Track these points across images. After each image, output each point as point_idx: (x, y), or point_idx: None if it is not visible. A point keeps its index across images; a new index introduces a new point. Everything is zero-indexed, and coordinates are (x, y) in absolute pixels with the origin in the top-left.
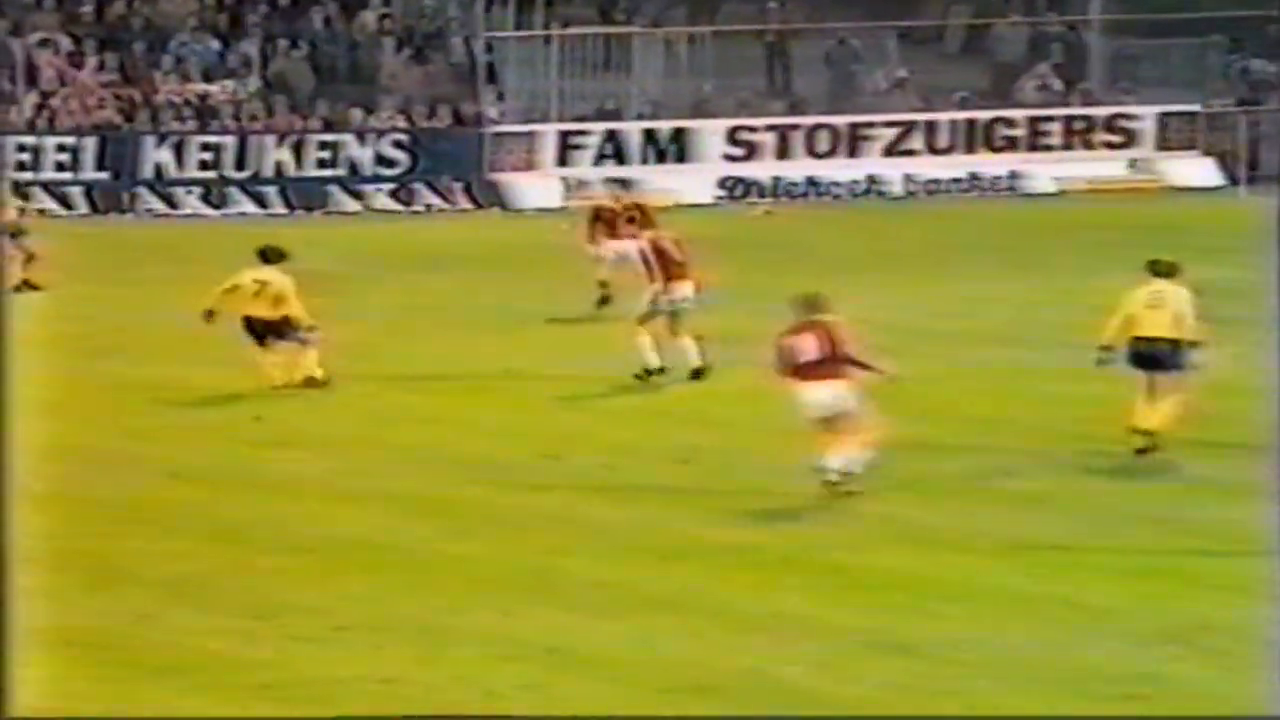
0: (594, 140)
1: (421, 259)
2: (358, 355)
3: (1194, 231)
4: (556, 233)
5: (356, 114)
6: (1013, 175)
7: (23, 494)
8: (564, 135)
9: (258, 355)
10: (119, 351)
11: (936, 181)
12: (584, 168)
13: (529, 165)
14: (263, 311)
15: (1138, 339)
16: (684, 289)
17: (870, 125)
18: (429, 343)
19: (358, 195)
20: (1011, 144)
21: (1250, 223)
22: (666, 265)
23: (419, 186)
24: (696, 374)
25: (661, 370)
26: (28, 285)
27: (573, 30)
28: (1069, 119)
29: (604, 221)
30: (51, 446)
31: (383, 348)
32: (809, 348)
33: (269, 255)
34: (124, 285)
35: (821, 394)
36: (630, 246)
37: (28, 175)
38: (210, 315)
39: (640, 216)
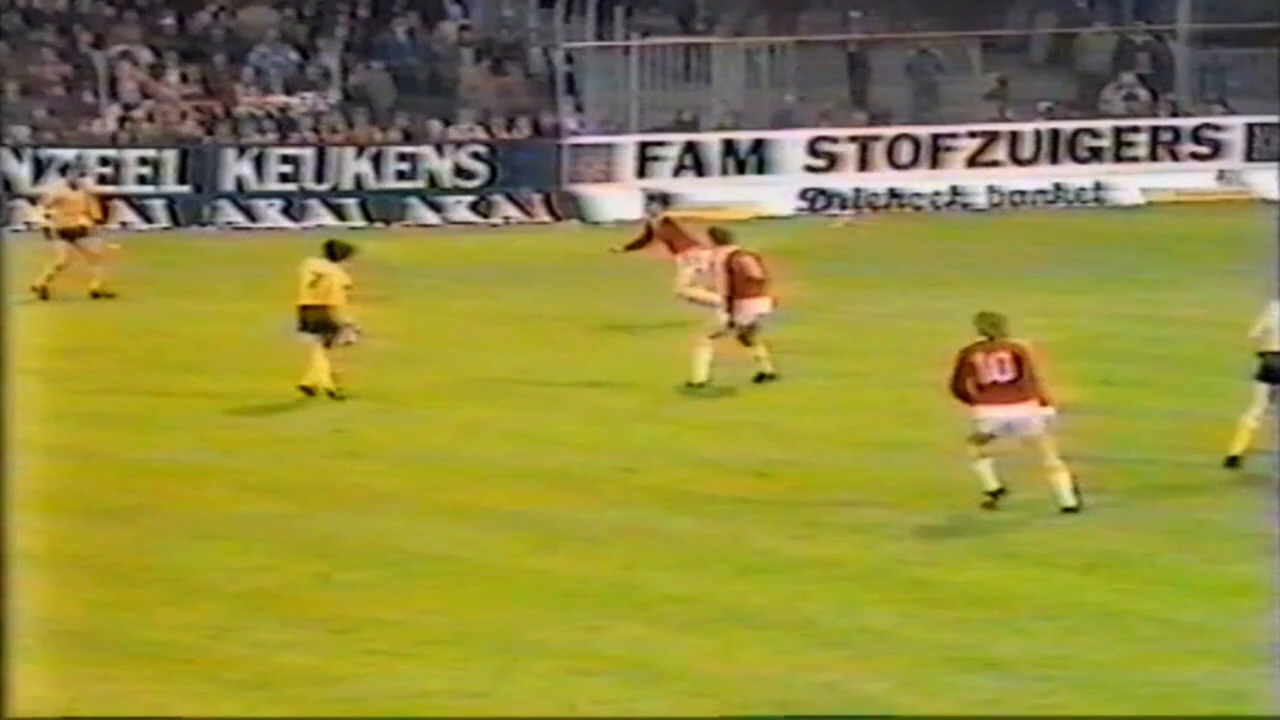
0: (673, 151)
1: (500, 271)
2: (437, 367)
3: None
4: None
5: (435, 126)
6: (1098, 186)
7: (103, 508)
8: (643, 146)
9: (320, 359)
10: (199, 363)
11: (1020, 193)
12: (663, 179)
13: (608, 177)
14: (315, 301)
15: (1267, 353)
16: (759, 305)
17: (953, 136)
18: (507, 355)
19: (437, 207)
20: (1097, 155)
21: None
22: (742, 282)
23: (498, 198)
24: (760, 378)
25: (702, 385)
26: (99, 294)
27: (652, 40)
28: (1155, 130)
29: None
30: (133, 459)
31: (462, 360)
32: (1001, 368)
33: (335, 251)
34: (204, 298)
35: (1009, 415)
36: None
37: (109, 188)
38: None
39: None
